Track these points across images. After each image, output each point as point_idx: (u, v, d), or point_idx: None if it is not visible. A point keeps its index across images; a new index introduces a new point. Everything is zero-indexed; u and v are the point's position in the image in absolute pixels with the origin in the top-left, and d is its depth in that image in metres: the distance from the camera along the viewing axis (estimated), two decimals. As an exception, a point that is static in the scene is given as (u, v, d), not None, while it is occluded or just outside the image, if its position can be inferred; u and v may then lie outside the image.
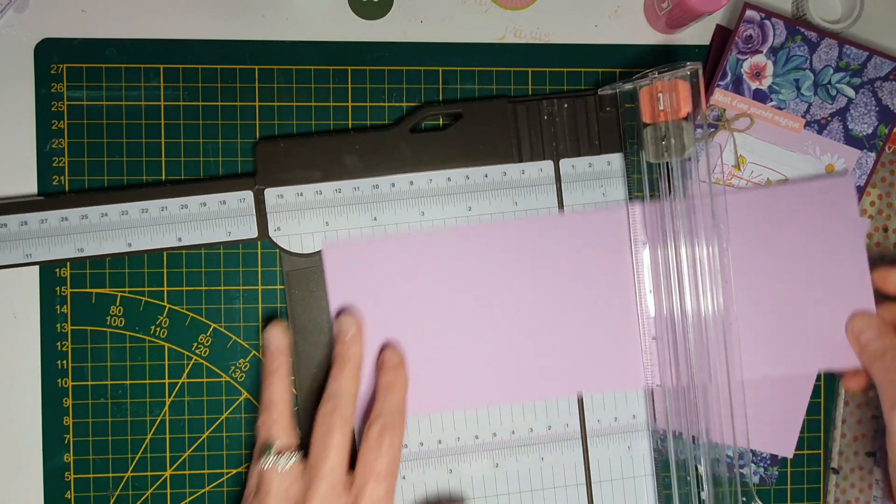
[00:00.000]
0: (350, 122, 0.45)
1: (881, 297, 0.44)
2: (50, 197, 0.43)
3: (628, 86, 0.43)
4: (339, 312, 0.43)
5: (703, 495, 0.44)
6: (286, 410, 0.41)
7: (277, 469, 0.38)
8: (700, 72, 0.41)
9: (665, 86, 0.41)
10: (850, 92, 0.45)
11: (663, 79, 0.41)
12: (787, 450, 0.46)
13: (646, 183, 0.43)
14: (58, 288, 0.44)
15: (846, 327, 0.43)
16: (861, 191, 0.45)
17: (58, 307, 0.44)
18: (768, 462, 0.46)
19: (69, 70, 0.44)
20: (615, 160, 0.44)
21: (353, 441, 0.41)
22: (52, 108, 0.44)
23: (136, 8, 0.45)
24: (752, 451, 0.46)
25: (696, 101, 0.41)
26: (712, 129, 0.45)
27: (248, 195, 0.43)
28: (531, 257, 0.44)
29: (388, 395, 0.41)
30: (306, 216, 0.43)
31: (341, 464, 0.39)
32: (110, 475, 0.45)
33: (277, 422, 0.40)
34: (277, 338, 0.42)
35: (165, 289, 0.45)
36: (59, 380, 0.44)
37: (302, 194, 0.43)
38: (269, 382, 0.41)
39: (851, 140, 0.45)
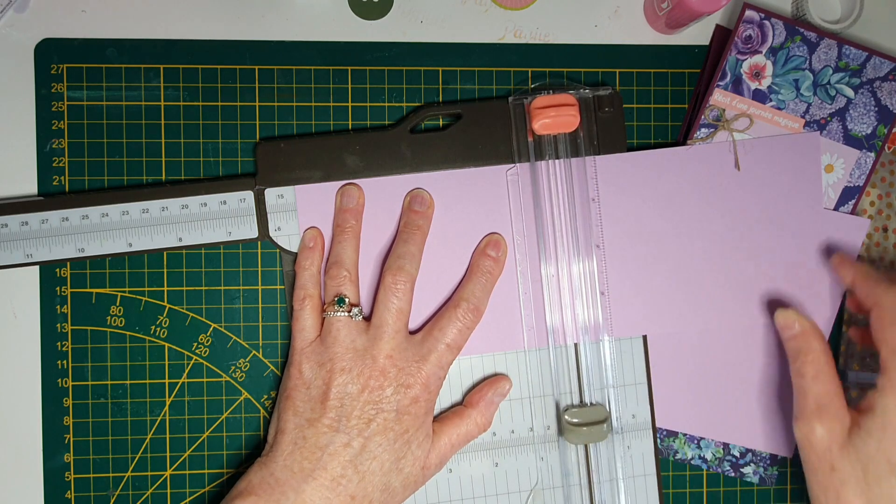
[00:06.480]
0: (350, 122, 0.45)
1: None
2: (50, 197, 0.43)
3: (532, 95, 0.43)
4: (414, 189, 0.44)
5: (702, 494, 0.44)
6: (354, 269, 0.42)
7: (351, 319, 0.41)
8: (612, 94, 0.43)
9: (556, 98, 0.43)
10: (850, 92, 0.45)
11: (559, 91, 0.43)
12: (787, 449, 0.46)
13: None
14: (58, 288, 0.44)
15: (774, 318, 0.43)
16: (860, 191, 0.45)
17: (58, 307, 0.44)
18: (768, 462, 0.46)
19: (69, 70, 0.44)
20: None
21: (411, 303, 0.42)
22: (52, 108, 0.44)
23: (136, 8, 0.45)
24: (751, 450, 0.46)
25: (588, 117, 0.44)
26: (712, 130, 0.45)
27: (249, 195, 0.43)
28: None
29: (484, 280, 0.43)
30: (306, 216, 0.43)
31: (404, 326, 0.41)
32: (110, 475, 0.45)
33: (348, 278, 0.42)
34: (352, 198, 0.43)
35: (165, 289, 0.45)
36: (59, 380, 0.44)
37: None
38: (339, 239, 0.42)
39: (851, 140, 0.45)
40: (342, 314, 0.41)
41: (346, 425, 0.39)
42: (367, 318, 0.42)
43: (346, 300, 0.41)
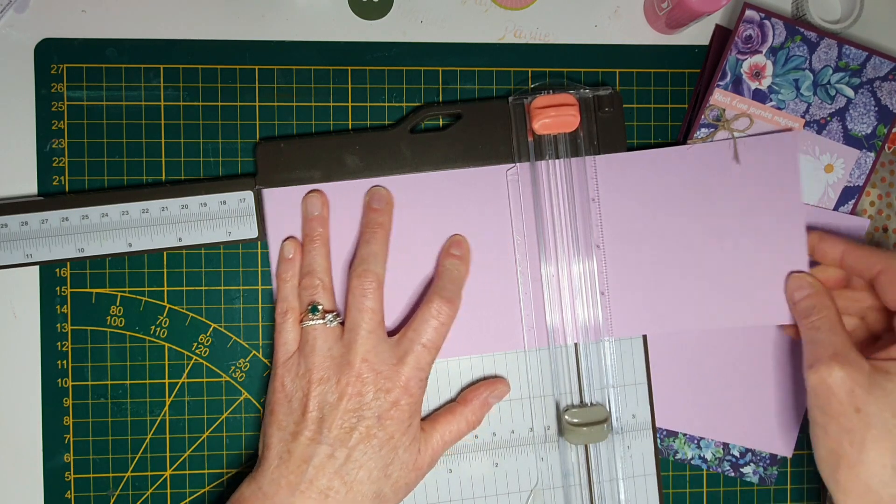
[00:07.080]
0: (350, 122, 0.45)
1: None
2: (50, 197, 0.43)
3: (532, 95, 0.43)
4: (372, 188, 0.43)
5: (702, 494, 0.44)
6: (326, 276, 0.42)
7: (326, 327, 0.41)
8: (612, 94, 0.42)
9: (556, 98, 0.43)
10: (850, 92, 0.45)
11: (559, 91, 0.43)
12: (787, 449, 0.46)
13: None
14: (58, 288, 0.44)
15: (784, 284, 0.43)
16: (860, 191, 0.45)
17: (58, 307, 0.44)
18: (768, 462, 0.46)
19: (69, 70, 0.44)
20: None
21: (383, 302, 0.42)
22: (52, 108, 0.44)
23: (136, 8, 0.45)
24: (751, 450, 0.46)
25: (588, 117, 0.44)
26: (712, 129, 0.45)
27: (249, 195, 0.43)
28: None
29: (453, 274, 0.43)
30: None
31: (378, 326, 0.41)
32: (110, 475, 0.45)
33: (321, 286, 0.42)
34: (317, 206, 0.43)
35: (165, 289, 0.45)
36: (59, 380, 0.44)
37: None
38: (308, 248, 0.42)
39: (851, 140, 0.45)
40: (317, 322, 0.41)
41: (327, 436, 0.39)
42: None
43: (320, 308, 0.41)
